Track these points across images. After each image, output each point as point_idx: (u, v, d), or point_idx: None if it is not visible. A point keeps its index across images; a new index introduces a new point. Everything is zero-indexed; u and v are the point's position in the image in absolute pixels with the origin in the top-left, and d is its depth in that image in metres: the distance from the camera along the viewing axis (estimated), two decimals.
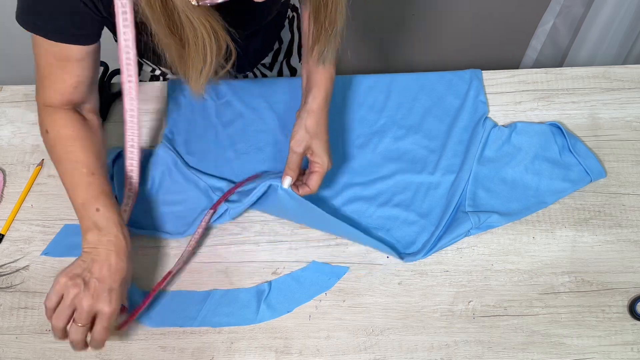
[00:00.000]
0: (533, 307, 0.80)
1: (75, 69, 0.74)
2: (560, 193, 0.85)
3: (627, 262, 0.82)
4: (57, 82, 0.74)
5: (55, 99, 0.75)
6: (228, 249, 0.84)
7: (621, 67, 0.95)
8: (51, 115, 0.76)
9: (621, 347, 0.77)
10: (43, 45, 0.71)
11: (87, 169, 0.75)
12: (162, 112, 0.94)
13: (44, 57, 0.72)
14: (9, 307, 0.82)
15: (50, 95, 0.75)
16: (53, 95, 0.75)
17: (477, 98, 0.91)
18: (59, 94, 0.75)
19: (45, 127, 0.77)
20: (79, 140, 0.76)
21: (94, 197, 0.73)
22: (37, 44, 0.72)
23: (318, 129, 0.80)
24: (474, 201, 0.84)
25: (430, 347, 0.78)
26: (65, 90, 0.75)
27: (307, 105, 0.80)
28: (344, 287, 0.82)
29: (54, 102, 0.76)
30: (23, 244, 0.85)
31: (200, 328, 0.79)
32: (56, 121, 0.76)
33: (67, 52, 0.72)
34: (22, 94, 0.96)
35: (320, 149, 0.79)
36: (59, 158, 0.76)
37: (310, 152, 0.80)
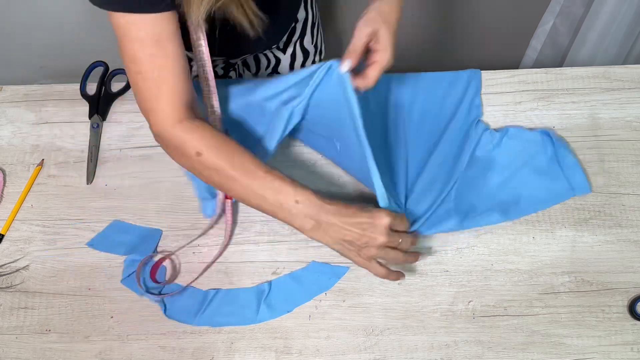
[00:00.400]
0: (533, 307, 0.80)
1: (172, 48, 0.67)
2: (541, 204, 0.85)
3: (627, 262, 0.82)
4: (168, 78, 0.67)
5: (176, 104, 0.69)
6: (228, 249, 0.84)
7: (621, 67, 0.95)
8: (189, 133, 0.70)
9: (621, 347, 0.77)
10: (139, 33, 0.65)
11: (262, 170, 0.70)
12: None
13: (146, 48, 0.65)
14: (9, 307, 0.82)
15: (170, 101, 0.69)
16: (172, 102, 0.69)
17: (473, 101, 0.92)
18: (177, 95, 0.69)
19: (194, 150, 0.70)
20: (231, 146, 0.71)
21: (284, 193, 0.69)
22: (133, 38, 0.65)
23: (390, 17, 0.71)
24: (459, 200, 0.84)
25: (430, 347, 0.78)
26: (178, 85, 0.69)
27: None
28: (344, 287, 0.82)
29: (179, 111, 0.70)
30: (23, 244, 0.85)
31: (201, 328, 0.79)
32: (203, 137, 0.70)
33: (160, 28, 0.65)
34: (22, 94, 0.96)
35: (386, 39, 0.71)
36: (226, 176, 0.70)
37: (376, 39, 0.71)
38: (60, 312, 0.81)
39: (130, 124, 0.94)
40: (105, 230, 0.86)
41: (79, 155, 0.91)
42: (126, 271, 0.82)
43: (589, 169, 0.88)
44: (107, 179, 0.89)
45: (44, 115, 0.95)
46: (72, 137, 0.93)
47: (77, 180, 0.90)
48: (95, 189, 0.89)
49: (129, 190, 0.89)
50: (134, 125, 0.94)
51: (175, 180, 0.89)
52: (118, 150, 0.92)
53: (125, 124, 0.94)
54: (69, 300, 0.82)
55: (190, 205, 0.87)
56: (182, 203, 0.87)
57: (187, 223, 0.86)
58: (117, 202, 0.88)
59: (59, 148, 0.92)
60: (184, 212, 0.87)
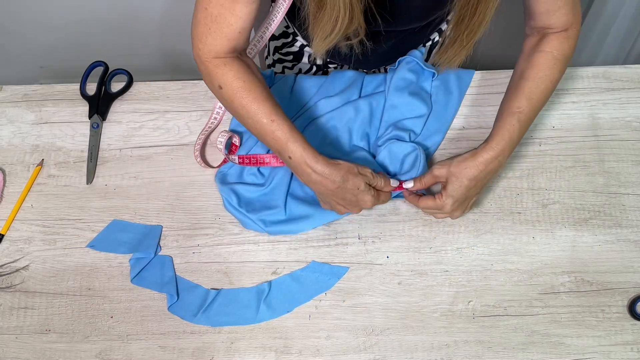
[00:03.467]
0: (533, 307, 0.80)
1: (242, 12, 0.73)
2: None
3: (627, 262, 0.82)
4: (224, 25, 0.74)
5: (222, 45, 0.75)
6: (228, 249, 0.84)
7: (621, 67, 0.95)
8: (220, 68, 0.76)
9: (621, 347, 0.77)
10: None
11: (267, 118, 0.76)
12: (162, 112, 0.94)
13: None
14: (9, 307, 0.82)
15: (217, 42, 0.75)
16: (220, 42, 0.75)
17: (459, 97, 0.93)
18: (227, 39, 0.75)
19: (217, 82, 0.77)
20: (253, 91, 0.76)
21: (282, 145, 0.76)
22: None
23: (467, 172, 0.76)
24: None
25: (430, 347, 0.78)
26: (232, 35, 0.75)
27: (481, 151, 0.76)
28: (344, 287, 0.82)
29: (220, 50, 0.76)
30: (23, 244, 0.85)
31: (200, 328, 0.79)
32: (227, 75, 0.76)
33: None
34: (22, 94, 0.96)
35: (450, 192, 0.77)
36: (239, 112, 0.78)
37: (444, 185, 0.78)
38: (60, 312, 0.81)
39: (130, 124, 0.94)
40: (105, 230, 0.86)
41: (79, 155, 0.91)
42: (133, 271, 0.82)
43: (589, 168, 0.88)
44: (107, 179, 0.89)
45: (44, 115, 0.95)
46: (72, 137, 0.93)
47: (77, 180, 0.90)
48: (95, 189, 0.89)
49: (128, 190, 0.89)
50: (134, 125, 0.94)
51: (175, 180, 0.89)
52: (118, 150, 0.92)
53: (125, 124, 0.94)
54: (69, 300, 0.82)
55: (190, 205, 0.87)
56: (182, 203, 0.87)
57: (187, 223, 0.86)
58: (117, 202, 0.88)
59: (59, 148, 0.92)
60: (184, 212, 0.87)
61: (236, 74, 0.76)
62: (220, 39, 0.75)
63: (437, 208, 0.79)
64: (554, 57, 0.78)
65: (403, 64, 0.91)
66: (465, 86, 0.93)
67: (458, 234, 0.84)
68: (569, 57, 0.80)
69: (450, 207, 0.78)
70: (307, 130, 0.89)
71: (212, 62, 0.77)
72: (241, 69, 0.77)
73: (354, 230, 0.85)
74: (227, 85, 0.77)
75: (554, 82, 0.79)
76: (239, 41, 0.76)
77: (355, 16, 0.70)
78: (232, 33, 0.75)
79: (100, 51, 1.22)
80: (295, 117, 0.90)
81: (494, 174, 0.78)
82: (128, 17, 1.51)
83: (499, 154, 0.76)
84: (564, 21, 0.78)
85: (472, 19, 0.70)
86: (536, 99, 0.78)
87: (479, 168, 0.76)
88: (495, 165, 0.76)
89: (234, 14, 0.73)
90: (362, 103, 0.89)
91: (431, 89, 0.92)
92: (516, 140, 0.77)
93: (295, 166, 0.77)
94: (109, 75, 0.97)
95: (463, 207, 0.80)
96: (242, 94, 0.76)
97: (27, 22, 1.52)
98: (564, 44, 0.79)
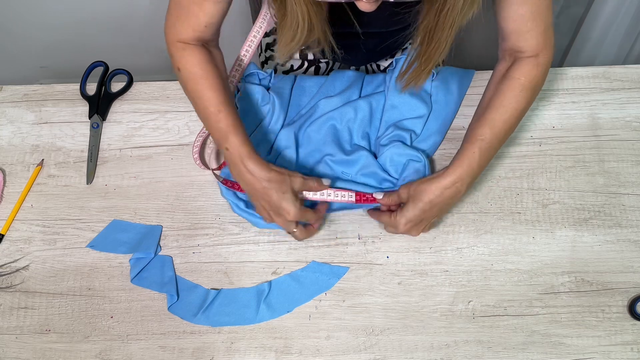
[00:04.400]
0: (533, 307, 0.80)
1: (210, 9, 0.77)
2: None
3: (627, 262, 0.82)
4: (191, 17, 0.78)
5: (187, 34, 0.79)
6: (228, 249, 0.84)
7: (621, 67, 0.95)
8: (181, 52, 0.80)
9: (621, 347, 0.77)
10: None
11: (215, 107, 0.78)
12: (162, 112, 0.94)
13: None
14: (9, 307, 0.82)
15: (183, 30, 0.79)
16: (185, 31, 0.79)
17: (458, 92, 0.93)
18: (192, 29, 0.79)
19: (177, 65, 0.80)
20: (207, 79, 0.79)
21: (222, 136, 0.78)
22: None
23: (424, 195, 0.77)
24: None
25: (430, 347, 0.78)
26: (197, 27, 0.78)
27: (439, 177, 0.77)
28: (344, 287, 0.82)
29: (184, 38, 0.79)
30: (23, 244, 0.85)
31: (201, 328, 0.79)
32: (186, 59, 0.79)
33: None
34: (22, 94, 0.96)
35: (407, 211, 0.78)
36: (191, 97, 0.81)
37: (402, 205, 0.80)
38: (60, 312, 0.81)
39: (130, 124, 0.94)
40: (105, 230, 0.86)
41: (79, 155, 0.91)
42: (133, 271, 0.82)
43: (589, 168, 0.88)
44: (107, 179, 0.89)
45: (44, 115, 0.95)
46: (72, 137, 0.93)
47: (77, 180, 0.90)
48: (95, 189, 0.89)
49: (128, 190, 0.89)
50: (134, 125, 0.94)
51: (175, 180, 0.89)
52: (118, 150, 0.92)
53: (125, 124, 0.94)
54: (69, 300, 0.82)
55: (190, 205, 0.87)
56: (182, 203, 0.87)
57: (187, 223, 0.86)
58: (117, 202, 0.88)
59: (59, 148, 0.92)
60: (184, 212, 0.87)
61: (195, 59, 0.79)
62: (186, 28, 0.78)
63: (390, 225, 0.80)
64: (522, 84, 0.79)
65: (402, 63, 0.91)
66: (465, 86, 0.93)
67: (458, 234, 0.84)
68: (538, 85, 0.81)
69: (402, 227, 0.78)
70: (308, 130, 0.89)
71: (175, 45, 0.80)
72: (202, 56, 0.80)
73: (354, 230, 0.85)
74: (185, 70, 0.79)
75: (519, 110, 0.79)
76: (204, 33, 0.80)
77: (315, 28, 0.71)
78: (198, 26, 0.78)
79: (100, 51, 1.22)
80: (295, 117, 0.90)
81: (452, 199, 0.78)
82: (128, 17, 1.51)
83: (456, 181, 0.76)
84: (533, 45, 0.78)
85: (429, 45, 0.71)
86: (499, 128, 0.78)
87: (435, 193, 0.76)
88: (453, 191, 0.77)
89: (202, 9, 0.77)
90: (362, 103, 0.89)
91: (431, 89, 0.92)
92: (476, 168, 0.77)
93: (231, 159, 0.78)
94: (109, 75, 0.97)
95: (419, 228, 0.80)
96: (197, 79, 0.79)
97: (27, 22, 1.53)
98: (533, 71, 0.79)
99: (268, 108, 0.89)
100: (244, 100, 0.90)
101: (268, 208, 0.78)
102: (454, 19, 0.66)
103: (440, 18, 0.66)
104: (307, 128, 0.89)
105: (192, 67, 0.79)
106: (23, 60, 1.65)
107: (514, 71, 0.79)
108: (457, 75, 0.93)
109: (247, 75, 0.91)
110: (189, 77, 0.79)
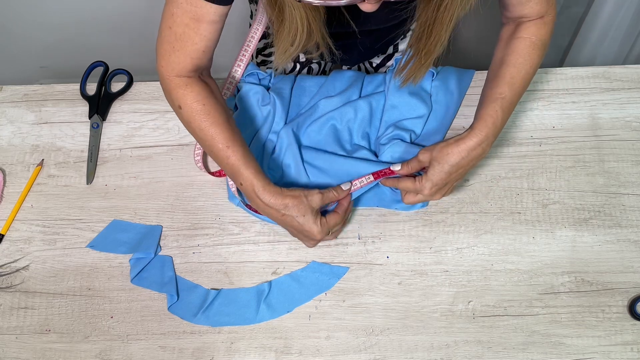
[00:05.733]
0: (533, 307, 0.80)
1: (206, 32, 0.74)
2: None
3: (627, 262, 0.82)
4: (188, 44, 0.74)
5: (185, 64, 0.76)
6: (228, 249, 0.84)
7: (621, 67, 0.95)
8: (181, 89, 0.77)
9: (621, 347, 0.77)
10: (182, 5, 0.71)
11: (223, 144, 0.77)
12: (162, 112, 0.94)
13: (179, 17, 0.72)
14: (9, 307, 0.82)
15: (180, 60, 0.75)
16: (183, 61, 0.75)
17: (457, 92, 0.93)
18: (189, 58, 0.75)
19: (177, 102, 0.78)
20: (210, 115, 0.77)
21: (235, 172, 0.77)
22: (174, 2, 0.71)
23: (450, 157, 0.75)
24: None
25: (430, 347, 0.78)
26: (196, 54, 0.75)
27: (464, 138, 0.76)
28: (344, 287, 0.82)
29: (182, 69, 0.76)
30: (23, 244, 0.85)
31: (201, 328, 0.79)
32: (187, 96, 0.77)
33: (203, 12, 0.71)
34: (22, 94, 0.96)
35: (430, 176, 0.77)
36: (196, 135, 0.79)
37: (426, 170, 0.78)
38: (60, 312, 0.81)
39: (130, 124, 0.94)
40: (105, 230, 0.86)
41: (79, 155, 0.91)
42: (133, 271, 0.82)
43: (589, 168, 0.88)
44: (107, 179, 0.89)
45: (44, 115, 0.95)
46: (72, 137, 0.93)
47: (77, 180, 0.90)
48: (95, 189, 0.89)
49: (128, 190, 0.89)
50: (134, 125, 0.94)
51: (175, 180, 0.89)
52: (118, 150, 0.92)
53: (125, 124, 0.94)
54: (69, 300, 0.82)
55: (190, 205, 0.87)
56: (182, 203, 0.87)
57: (187, 223, 0.86)
58: (117, 202, 0.88)
59: (59, 148, 0.92)
60: (184, 212, 0.87)
61: (196, 96, 0.77)
62: (184, 57, 0.75)
63: (415, 190, 0.79)
64: (532, 42, 0.78)
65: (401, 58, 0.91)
66: (465, 86, 0.93)
67: (458, 234, 0.84)
68: (546, 42, 0.80)
69: (428, 191, 0.77)
70: (308, 130, 0.89)
71: (173, 81, 0.77)
72: (202, 91, 0.77)
73: (354, 230, 0.85)
74: (187, 107, 0.77)
75: (534, 67, 0.79)
76: (202, 60, 0.77)
77: (314, 32, 0.71)
78: (196, 52, 0.75)
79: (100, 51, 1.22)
80: (295, 117, 0.90)
81: (477, 160, 0.77)
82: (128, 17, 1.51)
83: (482, 141, 0.76)
84: (538, 10, 0.78)
85: (429, 39, 0.70)
86: (517, 85, 0.78)
87: (462, 154, 0.75)
88: (479, 151, 0.76)
89: (198, 33, 0.73)
90: (362, 103, 0.89)
91: (431, 89, 0.92)
92: (499, 126, 0.77)
93: (247, 193, 0.78)
94: (109, 75, 0.97)
95: (443, 192, 0.79)
96: (201, 117, 0.77)
97: (27, 22, 1.53)
98: (541, 30, 0.78)
99: (269, 109, 0.89)
100: (244, 101, 0.90)
101: (296, 233, 0.80)
102: (453, 13, 0.65)
103: (439, 13, 0.66)
104: (308, 128, 0.89)
105: (193, 105, 0.77)
106: (23, 60, 1.65)
107: (523, 31, 0.79)
108: (457, 76, 0.93)
109: (247, 75, 0.91)
110: (192, 115, 0.77)
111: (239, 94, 0.91)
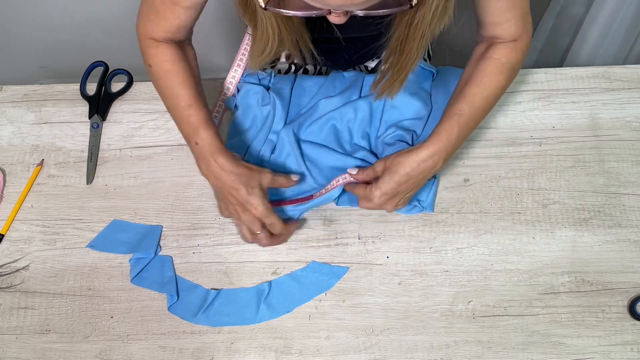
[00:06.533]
0: (533, 307, 0.80)
1: (181, 14, 0.77)
2: None
3: (627, 262, 0.82)
4: (162, 19, 0.77)
5: (158, 34, 0.79)
6: (228, 249, 0.84)
7: (621, 67, 0.95)
8: (153, 49, 0.80)
9: (621, 347, 0.77)
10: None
11: (185, 102, 0.78)
12: (162, 112, 0.94)
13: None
14: (9, 307, 0.82)
15: (154, 30, 0.79)
16: (156, 31, 0.79)
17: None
18: (162, 31, 0.79)
19: (148, 61, 0.81)
20: (178, 75, 0.79)
21: (193, 130, 0.78)
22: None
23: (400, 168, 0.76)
24: None
25: (430, 347, 0.78)
26: (168, 29, 0.79)
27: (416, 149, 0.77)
28: (344, 287, 0.82)
29: (156, 36, 0.79)
30: (23, 244, 0.85)
31: (201, 328, 0.79)
32: (157, 56, 0.80)
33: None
34: (22, 94, 0.96)
35: (383, 184, 0.77)
36: (162, 93, 0.81)
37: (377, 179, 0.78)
38: (60, 312, 0.81)
39: (130, 124, 0.94)
40: (105, 230, 0.86)
41: (79, 155, 0.91)
42: (133, 271, 0.82)
43: (589, 168, 0.88)
44: (107, 179, 0.89)
45: (44, 115, 0.95)
46: (72, 137, 0.93)
47: (77, 180, 0.90)
48: (95, 189, 0.89)
49: (128, 190, 0.89)
50: (134, 125, 0.94)
51: (175, 180, 0.89)
52: (118, 150, 0.92)
53: (125, 124, 0.94)
54: (69, 300, 0.82)
55: (190, 205, 0.87)
56: (182, 203, 0.87)
57: (187, 223, 0.86)
58: (117, 202, 0.88)
59: (59, 148, 0.92)
60: (184, 212, 0.87)
61: (167, 56, 0.79)
62: (157, 28, 0.79)
63: (366, 197, 0.79)
64: (501, 64, 0.79)
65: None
66: None
67: (458, 234, 0.84)
68: (516, 66, 0.81)
69: (378, 199, 0.77)
70: (308, 131, 0.89)
71: (147, 42, 0.80)
72: (174, 54, 0.80)
73: (354, 230, 0.85)
74: (156, 66, 0.80)
75: (499, 88, 0.79)
76: (175, 35, 0.80)
77: (285, 40, 0.72)
78: (169, 28, 0.78)
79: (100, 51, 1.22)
80: (295, 117, 0.90)
81: (428, 172, 0.77)
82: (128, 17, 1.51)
83: (434, 154, 0.76)
84: (512, 32, 0.78)
85: (401, 55, 0.71)
86: (478, 104, 0.78)
87: (412, 165, 0.76)
88: (429, 164, 0.76)
89: (173, 13, 0.77)
90: (362, 103, 0.89)
91: (431, 89, 0.92)
92: (454, 142, 0.77)
93: (200, 153, 0.78)
94: (109, 75, 0.97)
95: (394, 202, 0.79)
96: (168, 75, 0.79)
97: (27, 22, 1.53)
98: (512, 53, 0.79)
99: (269, 109, 0.89)
100: (244, 101, 0.90)
101: (235, 203, 0.77)
102: (424, 31, 0.66)
103: (410, 30, 0.67)
104: (308, 128, 0.89)
105: (163, 64, 0.79)
106: (23, 60, 1.65)
107: (494, 52, 0.79)
108: (457, 76, 0.93)
109: (247, 75, 0.91)
110: (160, 73, 0.80)
111: (239, 94, 0.91)
